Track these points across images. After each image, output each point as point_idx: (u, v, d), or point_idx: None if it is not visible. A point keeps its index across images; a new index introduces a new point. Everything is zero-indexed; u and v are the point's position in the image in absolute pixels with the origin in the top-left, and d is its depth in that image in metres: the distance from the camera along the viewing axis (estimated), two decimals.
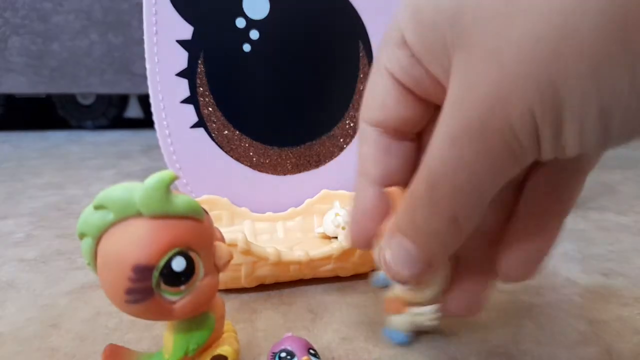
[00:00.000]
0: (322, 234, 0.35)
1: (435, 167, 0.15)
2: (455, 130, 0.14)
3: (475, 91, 0.13)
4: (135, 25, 0.91)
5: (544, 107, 0.12)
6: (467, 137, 0.14)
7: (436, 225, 0.16)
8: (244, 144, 0.37)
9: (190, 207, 0.16)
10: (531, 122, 0.13)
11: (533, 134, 0.13)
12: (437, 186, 0.15)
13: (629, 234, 0.39)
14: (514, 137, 0.13)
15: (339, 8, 0.36)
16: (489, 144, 0.13)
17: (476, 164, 0.14)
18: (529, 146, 0.13)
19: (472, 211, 0.15)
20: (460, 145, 0.14)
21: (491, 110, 0.13)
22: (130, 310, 0.16)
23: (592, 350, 0.22)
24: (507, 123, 0.13)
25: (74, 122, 1.11)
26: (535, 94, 0.12)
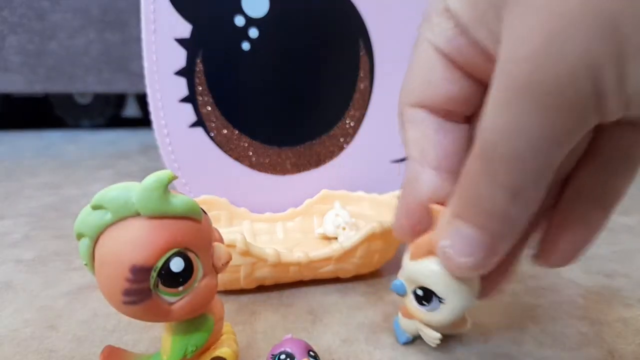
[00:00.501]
0: (322, 235, 0.35)
1: (490, 137, 0.14)
2: (507, 92, 0.13)
3: (526, 44, 0.12)
4: (133, 23, 0.91)
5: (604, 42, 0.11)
6: (521, 97, 0.12)
7: (498, 201, 0.14)
8: (243, 144, 0.37)
9: (188, 207, 0.16)
10: (592, 67, 0.11)
11: (595, 82, 0.11)
12: (493, 158, 0.14)
13: (632, 234, 0.39)
14: (573, 90, 0.12)
15: (339, 6, 0.36)
16: (547, 102, 0.12)
17: (534, 127, 0.13)
18: (591, 99, 0.12)
19: (536, 183, 0.14)
20: (514, 107, 0.13)
21: (546, 61, 0.12)
22: (127, 312, 0.16)
23: (594, 352, 0.22)
24: (565, 73, 0.12)
25: (71, 121, 1.11)
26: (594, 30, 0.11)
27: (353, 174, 0.39)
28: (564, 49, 0.11)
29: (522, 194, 0.14)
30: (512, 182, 0.14)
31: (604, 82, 0.11)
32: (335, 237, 0.34)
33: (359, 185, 0.38)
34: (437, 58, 0.16)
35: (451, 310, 0.19)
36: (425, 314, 0.19)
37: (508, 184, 0.14)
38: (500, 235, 0.15)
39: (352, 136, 0.38)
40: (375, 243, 0.28)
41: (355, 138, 0.38)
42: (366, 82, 0.38)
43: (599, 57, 0.11)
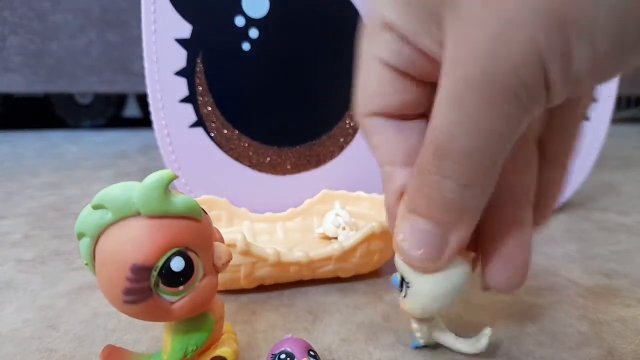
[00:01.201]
0: (322, 235, 0.35)
1: (440, 133, 0.14)
2: (455, 89, 0.13)
3: (471, 41, 0.12)
4: (133, 23, 0.91)
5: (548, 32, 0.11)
6: (469, 92, 0.13)
7: (447, 193, 0.15)
8: (243, 144, 0.37)
9: (189, 207, 0.16)
10: (537, 58, 0.12)
11: (540, 72, 0.12)
12: (443, 153, 0.14)
13: (631, 234, 0.39)
14: (519, 82, 0.12)
15: (338, 6, 0.36)
16: (494, 96, 0.12)
17: (482, 122, 0.13)
18: (537, 89, 0.12)
19: (485, 174, 0.14)
20: (463, 103, 0.13)
21: (491, 56, 0.12)
22: (128, 311, 0.16)
23: (594, 352, 0.22)
24: (510, 66, 0.12)
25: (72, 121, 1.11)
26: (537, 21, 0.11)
27: (353, 174, 0.39)
28: (508, 43, 0.12)
29: (472, 185, 0.14)
30: (463, 175, 0.14)
31: (550, 71, 0.12)
32: (335, 237, 0.34)
33: (359, 186, 0.38)
34: (385, 71, 0.16)
35: (418, 294, 0.18)
36: (402, 302, 0.20)
37: (459, 178, 0.14)
38: (452, 227, 0.16)
39: (351, 136, 0.38)
40: (374, 243, 0.28)
41: (355, 138, 0.38)
42: None
43: (544, 47, 0.11)
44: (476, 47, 0.12)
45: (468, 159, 0.14)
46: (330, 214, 0.35)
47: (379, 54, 0.16)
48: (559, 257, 0.34)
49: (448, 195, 0.15)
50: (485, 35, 0.12)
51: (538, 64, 0.12)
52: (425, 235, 0.16)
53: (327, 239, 0.35)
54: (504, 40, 0.12)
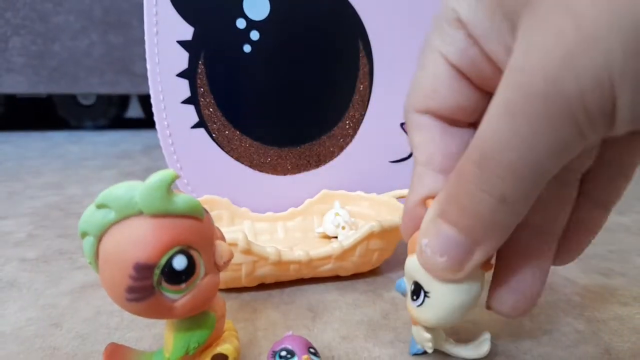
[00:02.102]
0: (322, 234, 0.35)
1: (486, 141, 0.13)
2: (512, 98, 0.12)
3: (541, 49, 0.11)
4: (135, 25, 0.91)
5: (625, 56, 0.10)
6: (525, 105, 0.12)
7: (482, 205, 0.14)
8: (245, 144, 0.37)
9: (191, 206, 0.16)
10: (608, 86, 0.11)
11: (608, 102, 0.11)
12: (486, 162, 0.13)
13: (629, 234, 0.39)
14: (582, 107, 0.11)
15: (338, 8, 0.36)
16: (551, 115, 0.12)
17: (533, 138, 0.12)
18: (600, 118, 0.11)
19: (525, 192, 0.14)
20: (517, 115, 0.12)
21: (557, 72, 0.11)
22: (131, 309, 0.16)
23: (591, 350, 0.22)
24: (576, 86, 0.11)
25: (75, 122, 1.11)
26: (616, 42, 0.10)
27: (352, 174, 0.39)
28: (582, 64, 0.11)
29: (510, 202, 0.14)
30: (502, 189, 0.14)
31: (618, 101, 0.11)
32: (335, 236, 0.35)
33: (358, 186, 0.38)
34: (445, 68, 0.16)
35: (437, 305, 0.18)
36: (414, 309, 0.19)
37: (497, 191, 0.14)
38: (480, 240, 0.15)
39: (351, 137, 0.39)
40: (374, 242, 0.28)
41: (354, 138, 0.39)
42: (365, 83, 0.38)
43: (618, 74, 0.10)
44: (546, 58, 0.11)
45: (511, 174, 0.13)
46: (330, 213, 0.36)
47: (444, 49, 0.15)
48: None
49: (483, 208, 0.14)
50: (560, 47, 0.11)
51: (608, 91, 0.11)
52: (451, 242, 0.15)
53: (327, 238, 0.35)
54: (577, 58, 0.11)
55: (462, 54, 0.15)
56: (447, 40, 0.15)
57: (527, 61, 0.12)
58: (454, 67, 0.15)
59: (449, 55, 0.15)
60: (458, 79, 0.16)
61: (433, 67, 0.16)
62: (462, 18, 0.14)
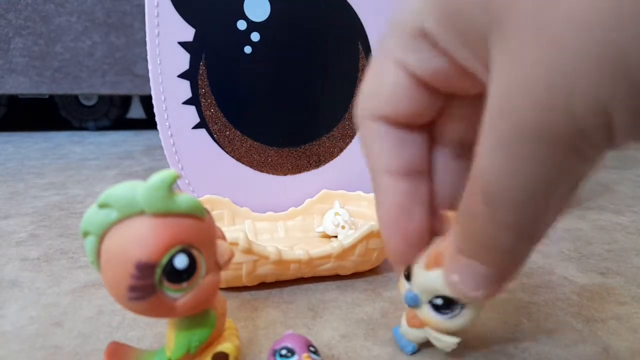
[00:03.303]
0: (322, 233, 0.36)
1: (490, 181, 0.13)
2: (507, 135, 0.12)
3: (524, 80, 0.11)
4: (137, 26, 0.91)
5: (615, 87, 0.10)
6: (522, 142, 0.12)
7: (505, 241, 0.14)
8: (245, 145, 0.37)
9: (192, 206, 0.16)
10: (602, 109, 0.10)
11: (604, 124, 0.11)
12: (496, 201, 0.13)
13: (626, 233, 0.39)
14: (580, 134, 0.11)
15: (338, 10, 0.36)
16: (550, 147, 0.11)
17: (538, 173, 0.12)
18: (600, 141, 0.11)
19: (541, 219, 0.14)
20: (516, 153, 0.12)
21: (548, 102, 0.11)
22: (132, 308, 0.16)
23: (589, 349, 0.22)
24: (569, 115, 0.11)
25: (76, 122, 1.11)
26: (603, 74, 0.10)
27: (352, 174, 0.39)
28: (569, 94, 0.10)
29: (526, 232, 0.14)
30: (517, 223, 0.14)
31: (615, 126, 0.11)
32: (334, 236, 0.35)
33: (358, 185, 0.38)
34: (404, 77, 0.16)
35: (474, 312, 0.19)
36: (445, 321, 0.19)
37: (513, 226, 0.14)
38: (508, 269, 0.16)
39: (351, 137, 0.39)
40: (373, 241, 0.28)
41: (354, 139, 0.39)
42: None
43: (609, 101, 0.10)
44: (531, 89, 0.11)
45: (522, 209, 0.13)
46: (330, 213, 0.36)
47: (405, 59, 0.15)
48: (554, 255, 0.34)
49: (505, 244, 0.14)
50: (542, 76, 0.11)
51: (602, 115, 0.10)
52: (484, 278, 0.16)
53: (327, 238, 0.35)
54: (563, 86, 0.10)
55: (425, 63, 0.15)
56: (408, 49, 0.15)
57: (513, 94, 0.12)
58: (414, 75, 0.15)
59: (409, 65, 0.15)
60: (417, 87, 0.16)
61: (391, 76, 0.16)
62: (427, 30, 0.14)
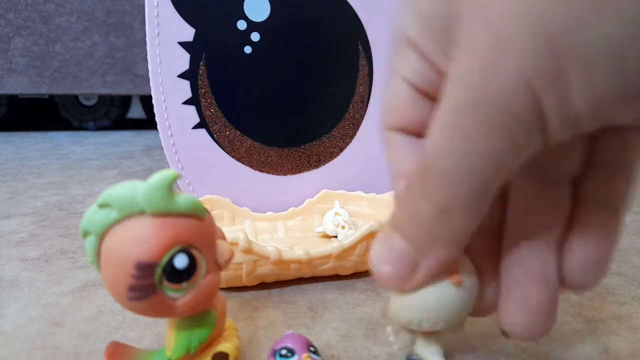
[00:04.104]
0: (322, 233, 0.36)
1: (427, 152, 0.14)
2: (447, 108, 0.13)
3: (465, 63, 0.12)
4: (137, 26, 0.91)
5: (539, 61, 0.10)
6: (458, 114, 0.12)
7: (423, 214, 0.14)
8: (245, 145, 0.37)
9: (192, 205, 0.16)
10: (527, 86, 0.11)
11: (532, 104, 0.11)
12: (428, 173, 0.14)
13: (626, 233, 0.39)
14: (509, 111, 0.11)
15: (338, 10, 0.36)
16: (483, 123, 0.12)
17: (467, 147, 0.12)
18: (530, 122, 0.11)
19: (466, 203, 0.13)
20: (451, 125, 0.12)
21: (481, 81, 0.11)
22: (132, 307, 0.16)
23: (589, 349, 0.22)
24: (500, 93, 0.11)
25: (77, 122, 1.11)
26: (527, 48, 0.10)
27: (352, 174, 0.39)
28: (499, 68, 0.11)
29: (449, 212, 0.14)
30: (442, 199, 0.14)
31: (543, 104, 0.11)
32: (334, 236, 0.35)
33: (358, 185, 0.39)
34: (405, 87, 0.16)
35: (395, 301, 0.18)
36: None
37: (437, 201, 0.14)
38: (425, 250, 0.15)
39: (351, 137, 0.39)
40: (373, 241, 0.28)
41: (354, 139, 0.39)
42: (365, 84, 0.38)
43: (535, 76, 0.10)
44: (470, 70, 0.12)
45: (449, 183, 0.13)
46: (330, 213, 0.36)
47: (401, 70, 0.16)
48: None
49: (424, 217, 0.14)
50: (479, 57, 0.11)
51: (529, 94, 0.11)
52: (397, 253, 0.15)
53: (327, 238, 0.35)
54: (494, 65, 0.11)
55: (416, 72, 0.15)
56: (402, 60, 0.15)
57: (456, 73, 0.12)
58: (411, 85, 0.16)
59: (405, 75, 0.16)
60: (418, 96, 0.16)
61: (396, 88, 0.16)
62: (412, 38, 0.15)
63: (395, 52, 0.16)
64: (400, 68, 0.16)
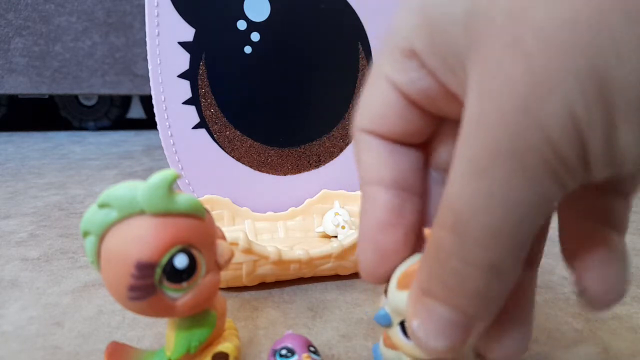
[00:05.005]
0: (322, 233, 0.36)
1: (461, 208, 0.12)
2: (479, 157, 0.11)
3: (495, 99, 0.11)
4: (137, 26, 0.91)
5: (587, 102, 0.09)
6: (495, 163, 0.11)
7: (472, 279, 0.13)
8: (245, 145, 0.37)
9: (192, 205, 0.16)
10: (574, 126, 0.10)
11: (578, 143, 0.10)
12: (465, 232, 0.12)
13: (627, 233, 0.39)
14: (554, 153, 0.10)
15: (338, 10, 0.36)
16: (524, 169, 0.11)
17: (510, 198, 0.11)
18: (575, 162, 0.10)
19: (515, 255, 0.12)
20: (488, 175, 0.11)
21: (520, 122, 0.10)
22: (133, 307, 0.16)
23: (589, 349, 0.22)
24: (543, 134, 0.10)
25: (77, 122, 1.11)
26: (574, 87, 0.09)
27: (352, 174, 0.39)
28: (541, 111, 0.10)
29: (498, 270, 0.12)
30: (488, 259, 0.12)
31: (589, 145, 0.10)
32: (334, 236, 0.35)
33: (358, 185, 0.38)
34: (395, 96, 0.15)
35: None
36: (413, 347, 0.17)
37: (483, 261, 0.12)
38: (477, 315, 0.13)
39: (351, 137, 0.39)
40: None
41: None
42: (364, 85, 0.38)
43: (583, 118, 0.10)
44: (502, 110, 0.10)
45: (495, 240, 0.12)
46: (330, 213, 0.36)
47: (393, 77, 0.15)
48: (554, 255, 0.34)
49: (473, 283, 0.13)
50: (513, 96, 0.10)
51: (576, 136, 0.10)
52: (449, 325, 0.14)
53: (327, 238, 0.35)
54: (534, 105, 0.10)
55: (415, 84, 0.14)
56: (398, 68, 0.14)
57: (484, 114, 0.11)
58: (404, 95, 0.15)
59: (399, 84, 0.14)
60: (408, 106, 0.15)
61: (382, 94, 0.15)
62: (417, 50, 0.13)
63: (388, 55, 0.15)
64: (393, 74, 0.15)
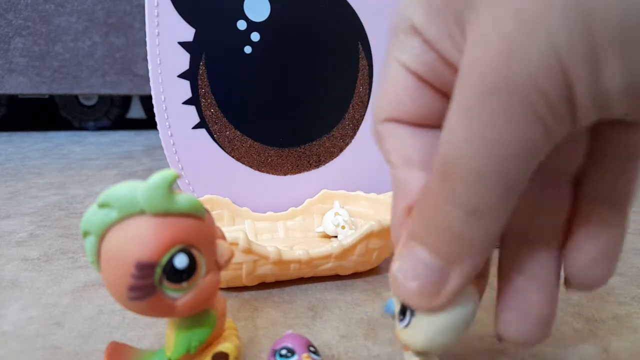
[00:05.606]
0: (322, 233, 0.36)
1: (448, 149, 0.12)
2: (467, 99, 0.11)
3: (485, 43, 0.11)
4: (137, 26, 0.91)
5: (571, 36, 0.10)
6: (482, 103, 0.11)
7: (452, 220, 0.13)
8: (245, 145, 0.37)
9: (192, 205, 0.16)
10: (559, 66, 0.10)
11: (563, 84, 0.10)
12: (451, 173, 0.12)
13: (627, 233, 0.39)
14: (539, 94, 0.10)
15: (338, 10, 0.36)
16: (510, 110, 0.11)
17: (496, 139, 0.11)
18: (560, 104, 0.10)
19: (497, 201, 0.12)
20: (475, 115, 0.11)
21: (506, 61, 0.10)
22: (132, 307, 0.16)
23: (590, 349, 0.22)
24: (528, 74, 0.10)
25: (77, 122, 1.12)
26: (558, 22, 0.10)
27: (352, 174, 0.39)
28: (526, 48, 0.10)
29: (482, 214, 0.12)
30: (470, 200, 0.12)
31: (574, 83, 0.10)
32: (334, 236, 0.35)
33: (358, 185, 0.39)
34: (406, 76, 0.15)
35: (424, 327, 0.16)
36: (401, 331, 0.17)
37: (466, 202, 0.12)
38: (455, 260, 0.14)
39: (351, 137, 0.39)
40: (373, 241, 0.28)
41: (354, 139, 0.39)
42: (365, 84, 0.38)
43: (566, 53, 0.10)
44: (490, 50, 0.11)
45: (478, 182, 0.12)
46: (330, 213, 0.36)
47: (402, 58, 0.15)
48: None
49: (453, 223, 0.13)
50: (500, 35, 0.10)
51: (560, 73, 0.10)
52: (424, 267, 0.14)
53: (327, 238, 0.35)
54: (520, 43, 0.10)
55: (420, 60, 0.14)
56: (404, 48, 0.14)
57: (474, 58, 0.11)
58: (414, 74, 0.15)
59: (407, 63, 0.15)
60: (419, 86, 0.15)
61: (394, 77, 0.15)
62: (417, 24, 0.14)
63: (394, 38, 0.15)
64: (400, 55, 0.15)
